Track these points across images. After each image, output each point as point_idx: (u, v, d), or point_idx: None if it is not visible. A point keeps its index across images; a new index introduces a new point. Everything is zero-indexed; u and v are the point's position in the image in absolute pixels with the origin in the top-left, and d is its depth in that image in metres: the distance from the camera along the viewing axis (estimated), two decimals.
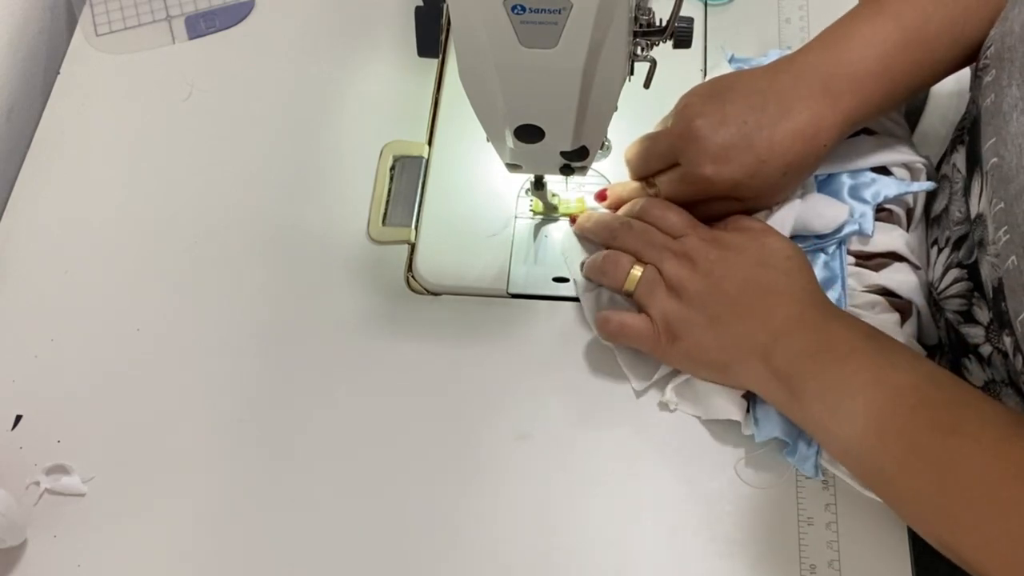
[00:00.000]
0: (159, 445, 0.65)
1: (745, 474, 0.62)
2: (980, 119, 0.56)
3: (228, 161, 0.75)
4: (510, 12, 0.47)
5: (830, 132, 0.60)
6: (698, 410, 0.63)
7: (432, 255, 0.69)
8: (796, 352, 0.56)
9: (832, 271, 0.65)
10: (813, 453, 0.60)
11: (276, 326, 0.68)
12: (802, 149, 0.60)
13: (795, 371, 0.56)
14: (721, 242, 0.62)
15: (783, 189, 0.63)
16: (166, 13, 0.82)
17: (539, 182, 0.68)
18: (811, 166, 0.62)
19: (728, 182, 0.61)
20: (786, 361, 0.57)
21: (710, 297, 0.60)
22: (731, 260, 0.61)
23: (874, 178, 0.66)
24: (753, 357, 0.58)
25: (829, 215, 0.64)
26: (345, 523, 0.62)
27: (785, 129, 0.59)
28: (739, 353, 0.59)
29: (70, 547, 0.62)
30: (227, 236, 0.72)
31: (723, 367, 0.60)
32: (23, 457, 0.65)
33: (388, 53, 0.79)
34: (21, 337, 0.69)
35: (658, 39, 0.55)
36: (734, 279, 0.60)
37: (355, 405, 0.65)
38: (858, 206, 0.65)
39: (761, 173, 0.60)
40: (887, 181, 0.66)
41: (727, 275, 0.60)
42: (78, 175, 0.75)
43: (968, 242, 0.61)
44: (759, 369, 0.58)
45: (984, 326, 0.59)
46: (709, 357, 0.60)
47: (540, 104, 0.54)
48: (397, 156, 0.74)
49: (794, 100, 0.60)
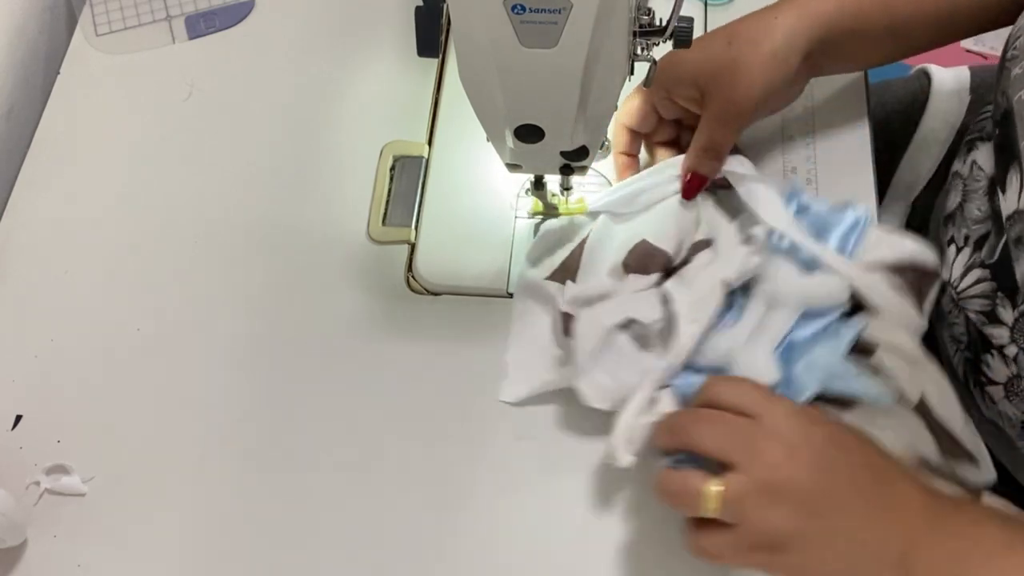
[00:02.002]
0: (159, 445, 0.65)
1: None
2: (1013, 112, 0.56)
3: (228, 161, 0.75)
4: (510, 12, 0.47)
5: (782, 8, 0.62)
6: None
7: (432, 255, 0.69)
8: (941, 558, 0.48)
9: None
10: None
11: (276, 326, 0.68)
12: (752, 19, 0.62)
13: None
14: (813, 417, 0.52)
15: (737, 70, 0.62)
16: (166, 13, 0.82)
17: (539, 182, 0.68)
18: (760, 32, 0.62)
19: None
20: (929, 568, 0.48)
21: (824, 500, 0.48)
22: (840, 442, 0.50)
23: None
24: (887, 566, 0.48)
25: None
26: (345, 522, 0.62)
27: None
28: (870, 564, 0.48)
29: (70, 547, 0.62)
30: (227, 236, 0.72)
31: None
32: (23, 457, 0.65)
33: (388, 53, 0.79)
34: (21, 337, 0.69)
35: (658, 39, 0.55)
36: (850, 467, 0.49)
37: (355, 405, 0.65)
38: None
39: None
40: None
41: (840, 464, 0.49)
42: (78, 175, 0.75)
43: (990, 241, 0.60)
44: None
45: (1009, 326, 0.59)
46: (831, 570, 0.49)
47: (540, 104, 0.54)
48: (397, 156, 0.74)
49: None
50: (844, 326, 0.60)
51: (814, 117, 0.73)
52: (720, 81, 0.63)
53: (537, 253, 0.68)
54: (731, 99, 0.63)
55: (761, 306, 0.61)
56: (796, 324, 0.60)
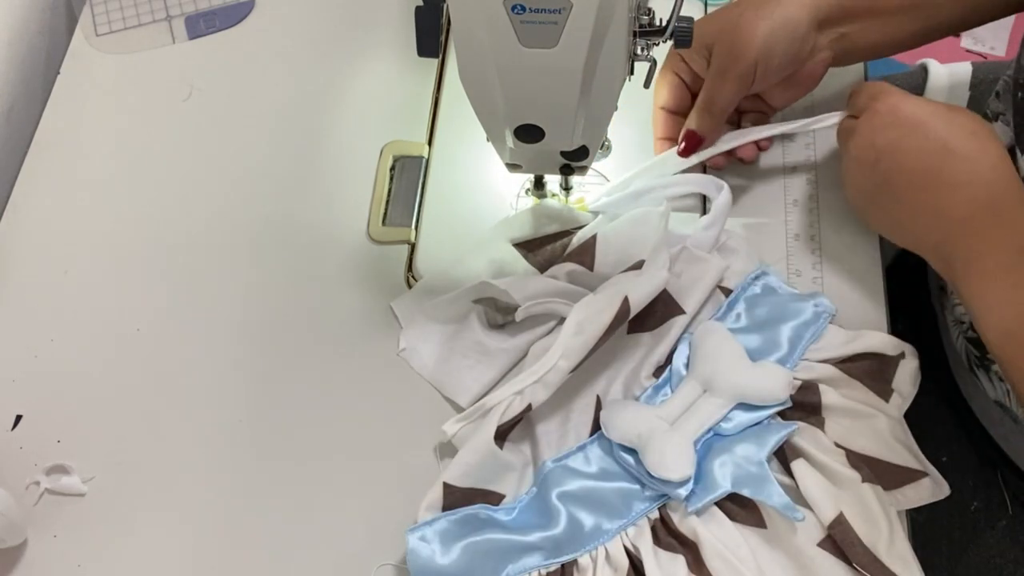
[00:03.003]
0: (159, 445, 0.65)
1: None
2: None
3: (228, 161, 0.75)
4: (510, 12, 0.47)
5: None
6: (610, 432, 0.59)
7: (432, 255, 0.69)
8: (956, 259, 0.56)
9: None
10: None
11: (276, 326, 0.68)
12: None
13: (954, 274, 0.57)
14: (892, 120, 0.59)
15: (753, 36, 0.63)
16: (166, 13, 0.82)
17: (539, 182, 0.68)
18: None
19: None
20: (946, 265, 0.57)
21: (882, 193, 0.59)
22: (904, 147, 0.58)
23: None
24: (927, 250, 0.59)
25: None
26: (345, 522, 0.62)
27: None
28: (915, 242, 0.59)
29: (70, 547, 0.62)
30: (227, 236, 0.72)
31: (898, 236, 0.61)
32: (23, 457, 0.65)
33: (388, 53, 0.79)
34: (21, 337, 0.69)
35: (658, 39, 0.55)
36: (909, 169, 0.58)
37: (355, 404, 0.65)
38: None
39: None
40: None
41: (898, 167, 0.58)
42: (78, 175, 0.75)
43: None
44: (931, 258, 0.59)
45: None
46: (889, 221, 0.61)
47: (540, 104, 0.54)
48: (397, 156, 0.74)
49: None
50: (772, 428, 0.58)
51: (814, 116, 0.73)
52: (723, 38, 0.63)
53: (522, 222, 0.68)
54: (731, 52, 0.63)
55: (696, 388, 0.60)
56: (729, 412, 0.59)
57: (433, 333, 0.66)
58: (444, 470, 0.59)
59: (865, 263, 0.67)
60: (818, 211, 0.69)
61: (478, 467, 0.59)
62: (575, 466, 0.59)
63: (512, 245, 0.67)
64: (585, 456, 0.60)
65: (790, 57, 0.64)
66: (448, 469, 0.59)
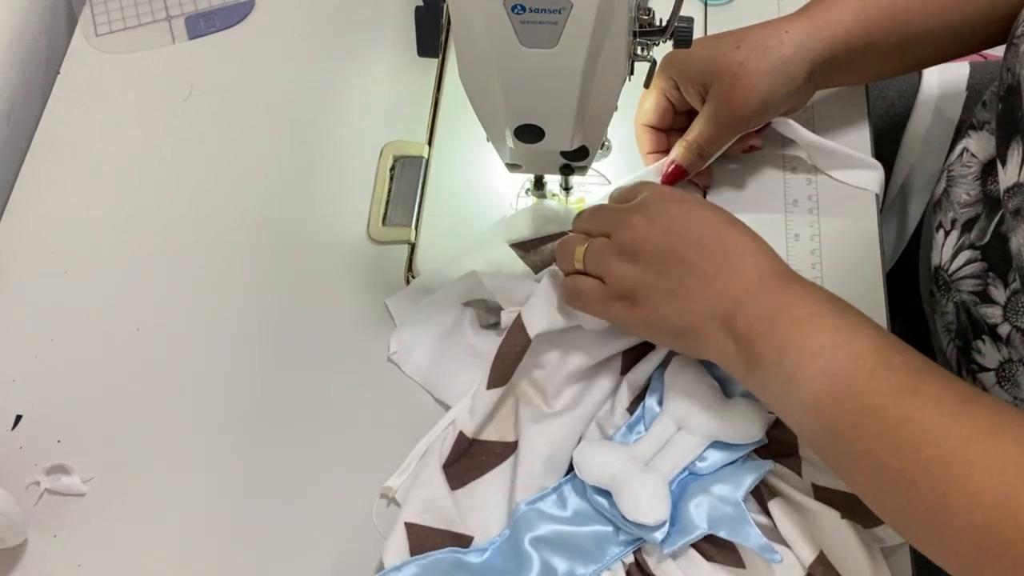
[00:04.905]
0: (159, 445, 0.65)
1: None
2: (1020, 86, 0.56)
3: (228, 161, 0.75)
4: (510, 12, 0.47)
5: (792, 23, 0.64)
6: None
7: (432, 255, 0.69)
8: (758, 316, 0.53)
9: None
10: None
11: (276, 326, 0.68)
12: (763, 28, 0.64)
13: (755, 335, 0.52)
14: (683, 197, 0.58)
15: (746, 77, 0.63)
16: (166, 13, 0.82)
17: (539, 182, 0.68)
18: (770, 41, 0.64)
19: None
20: (747, 326, 0.53)
21: (670, 258, 0.55)
22: (695, 216, 0.56)
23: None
24: (715, 324, 0.54)
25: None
26: (345, 521, 0.62)
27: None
28: (702, 320, 0.54)
29: (70, 547, 0.62)
30: (227, 236, 0.72)
31: (684, 334, 0.56)
32: (23, 457, 0.65)
33: (388, 53, 0.79)
34: (21, 337, 0.69)
35: (658, 39, 0.56)
36: (698, 236, 0.55)
37: (355, 404, 0.65)
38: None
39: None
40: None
41: (690, 232, 0.55)
42: (78, 175, 0.75)
43: (980, 224, 0.60)
44: (719, 336, 0.54)
45: (1002, 305, 0.59)
46: (670, 325, 0.56)
47: (540, 104, 0.54)
48: (397, 156, 0.74)
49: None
50: (748, 467, 0.57)
51: (814, 116, 0.73)
52: (722, 82, 0.63)
53: (520, 222, 0.68)
54: (729, 103, 0.63)
55: (671, 426, 0.58)
56: (704, 451, 0.58)
57: (425, 336, 0.66)
58: (400, 511, 0.58)
59: (865, 263, 0.67)
60: (818, 211, 0.69)
61: (432, 501, 0.58)
62: (548, 510, 0.58)
63: (509, 246, 0.67)
64: (560, 497, 0.58)
65: (783, 104, 0.66)
66: (404, 508, 0.58)
